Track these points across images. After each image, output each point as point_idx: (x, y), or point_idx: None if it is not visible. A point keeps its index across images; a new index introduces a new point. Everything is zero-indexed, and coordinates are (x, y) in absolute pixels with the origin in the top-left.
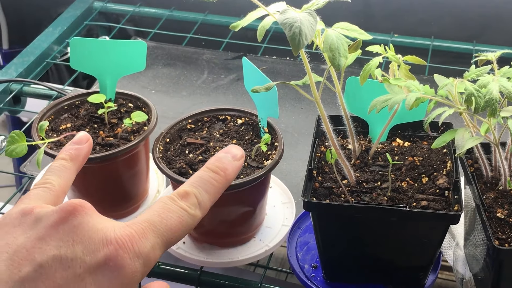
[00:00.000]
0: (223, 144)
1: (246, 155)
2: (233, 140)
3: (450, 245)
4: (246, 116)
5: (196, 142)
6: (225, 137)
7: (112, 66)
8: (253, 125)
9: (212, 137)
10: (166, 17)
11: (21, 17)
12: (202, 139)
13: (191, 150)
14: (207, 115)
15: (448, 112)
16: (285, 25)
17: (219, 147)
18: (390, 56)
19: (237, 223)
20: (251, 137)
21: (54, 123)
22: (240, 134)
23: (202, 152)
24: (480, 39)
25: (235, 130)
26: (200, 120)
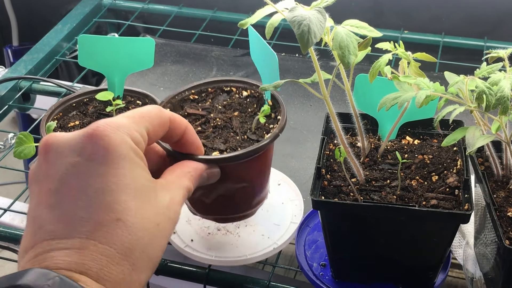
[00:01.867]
0: (224, 116)
1: (246, 128)
2: (235, 112)
3: (460, 244)
4: (252, 88)
5: (196, 112)
6: (228, 109)
7: (120, 63)
8: (258, 98)
9: (214, 109)
10: (175, 14)
11: (31, 14)
12: (203, 110)
13: (191, 121)
14: (212, 86)
15: (459, 110)
16: (294, 23)
17: (219, 118)
18: (400, 53)
19: (236, 198)
20: (254, 110)
21: (63, 120)
22: (243, 107)
23: (201, 123)
24: (492, 36)
25: (239, 102)
26: (204, 91)
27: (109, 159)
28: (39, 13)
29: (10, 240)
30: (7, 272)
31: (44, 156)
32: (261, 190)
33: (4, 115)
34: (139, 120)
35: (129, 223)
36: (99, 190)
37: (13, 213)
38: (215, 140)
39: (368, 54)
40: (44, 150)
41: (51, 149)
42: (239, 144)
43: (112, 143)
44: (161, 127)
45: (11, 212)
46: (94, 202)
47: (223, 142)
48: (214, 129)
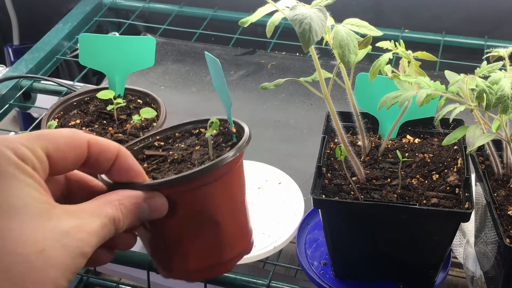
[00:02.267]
0: (185, 152)
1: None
2: (197, 147)
3: (461, 243)
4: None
5: (155, 154)
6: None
7: (121, 62)
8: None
9: (176, 148)
10: (175, 13)
11: (32, 13)
12: (164, 151)
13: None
14: (179, 130)
15: (459, 109)
16: (295, 22)
17: (178, 155)
18: (400, 52)
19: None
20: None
21: (64, 119)
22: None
23: (159, 162)
24: (492, 35)
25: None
26: (171, 137)
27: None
28: (40, 12)
29: None
30: None
31: None
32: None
33: (5, 114)
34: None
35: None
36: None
37: None
38: (168, 173)
39: (369, 53)
40: None
41: None
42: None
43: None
44: (72, 149)
45: None
46: None
47: (176, 173)
48: (170, 164)
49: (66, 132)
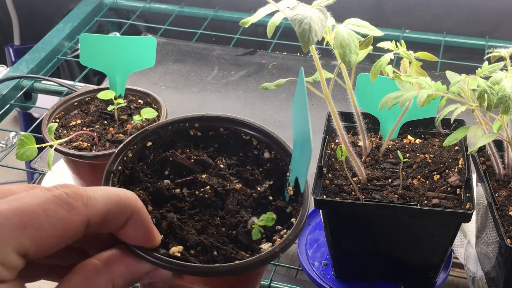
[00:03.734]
0: (220, 183)
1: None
2: (238, 184)
3: (462, 243)
4: (278, 152)
5: (184, 164)
6: (231, 173)
7: (122, 62)
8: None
9: (213, 165)
10: (176, 13)
11: (32, 13)
12: (196, 162)
13: (172, 174)
14: (225, 126)
15: (460, 109)
16: (295, 22)
17: (211, 186)
18: (402, 52)
19: None
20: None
21: (64, 119)
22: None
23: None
24: (493, 35)
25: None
26: (212, 129)
27: None
28: (40, 12)
29: None
30: None
31: None
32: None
33: (6, 114)
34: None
35: None
36: None
37: None
38: (188, 222)
39: (370, 53)
40: None
41: None
42: (219, 242)
43: None
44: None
45: None
46: None
47: (198, 230)
48: (196, 201)
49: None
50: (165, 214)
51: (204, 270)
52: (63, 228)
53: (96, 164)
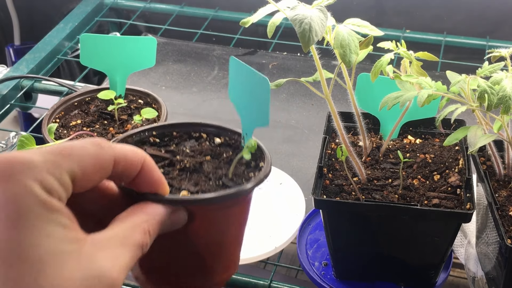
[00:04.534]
0: (193, 160)
1: (221, 174)
2: (207, 157)
3: (462, 243)
4: (227, 135)
5: (158, 154)
6: (197, 153)
7: (122, 63)
8: (234, 146)
9: (181, 152)
10: (176, 13)
11: (33, 13)
12: (167, 153)
13: None
14: (177, 130)
15: (461, 109)
16: (295, 22)
17: (187, 161)
18: (402, 52)
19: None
20: (230, 156)
21: (65, 119)
22: (216, 152)
23: (164, 165)
24: (494, 35)
25: (211, 149)
26: (168, 135)
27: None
28: (41, 12)
29: None
30: None
31: None
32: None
33: (6, 114)
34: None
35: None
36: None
37: None
38: (182, 182)
39: (370, 53)
40: None
41: None
42: (213, 189)
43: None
44: (98, 170)
45: None
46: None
47: (193, 184)
48: (181, 171)
49: (93, 150)
50: None
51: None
52: (98, 161)
53: None
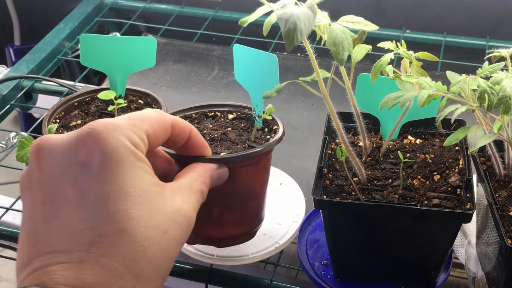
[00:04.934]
0: (218, 132)
1: (244, 139)
2: (228, 128)
3: (462, 243)
4: (238, 110)
5: None
6: (218, 127)
7: (122, 63)
8: (246, 118)
9: (205, 127)
10: (176, 13)
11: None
12: None
13: None
14: (196, 112)
15: (461, 110)
16: (281, 20)
17: (215, 133)
18: (402, 52)
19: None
20: (247, 125)
21: (65, 119)
22: (233, 125)
23: None
24: (494, 35)
25: (228, 123)
26: (188, 117)
27: (107, 165)
28: (41, 12)
29: (11, 239)
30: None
31: (36, 162)
32: (263, 207)
33: (6, 114)
34: (139, 123)
35: (132, 233)
36: (98, 199)
37: (15, 212)
38: (216, 148)
39: (370, 53)
40: (35, 155)
41: (43, 154)
42: (242, 150)
43: (109, 147)
44: (163, 132)
45: (13, 211)
46: (94, 213)
47: (225, 149)
48: (211, 141)
49: (157, 116)
50: None
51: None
52: (163, 124)
53: None
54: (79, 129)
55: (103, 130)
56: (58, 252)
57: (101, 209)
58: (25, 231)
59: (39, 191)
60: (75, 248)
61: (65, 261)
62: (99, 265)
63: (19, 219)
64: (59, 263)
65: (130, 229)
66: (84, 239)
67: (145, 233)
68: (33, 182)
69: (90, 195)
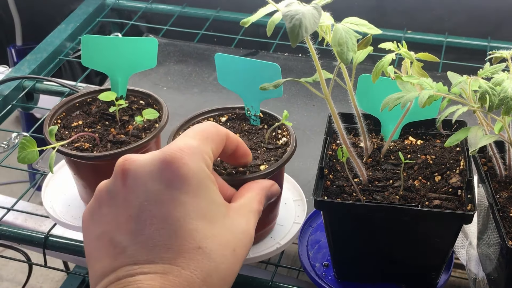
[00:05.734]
0: None
1: (258, 141)
2: (236, 134)
3: (463, 244)
4: (227, 112)
5: None
6: None
7: (123, 63)
8: (239, 118)
9: None
10: (178, 14)
11: (34, 13)
12: None
13: None
14: (192, 123)
15: (462, 110)
16: (287, 17)
17: None
18: (403, 53)
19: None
20: (245, 126)
21: (66, 120)
22: (236, 128)
23: None
24: (495, 36)
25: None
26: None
27: (188, 187)
28: (42, 13)
29: (13, 239)
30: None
31: (122, 180)
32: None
33: (8, 114)
34: (206, 142)
35: (207, 250)
36: (180, 219)
37: (16, 213)
38: None
39: (371, 54)
40: (122, 174)
41: (129, 174)
42: (268, 155)
43: (190, 171)
44: (221, 145)
45: (14, 212)
46: (176, 231)
47: (254, 159)
48: None
49: (216, 130)
50: None
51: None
52: (220, 137)
53: (98, 165)
54: (162, 152)
55: (184, 156)
56: (142, 264)
57: (182, 228)
58: (105, 241)
59: (125, 207)
60: (159, 261)
61: (150, 271)
62: (181, 276)
63: (20, 219)
64: (144, 273)
65: (206, 247)
66: (167, 253)
67: (218, 250)
68: (118, 197)
69: (173, 215)
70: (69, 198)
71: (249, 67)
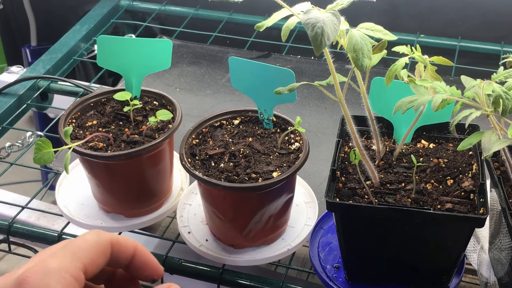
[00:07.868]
0: (241, 145)
1: (269, 146)
2: (249, 138)
3: (475, 248)
4: (240, 115)
5: (217, 152)
6: (238, 138)
7: (137, 64)
8: (252, 121)
9: (226, 143)
10: (191, 16)
11: (49, 15)
12: (219, 148)
13: (219, 160)
14: (204, 126)
15: (475, 114)
16: (308, 25)
17: (241, 148)
18: (416, 56)
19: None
20: (259, 129)
21: (81, 120)
22: (248, 132)
23: (229, 158)
24: (508, 40)
25: (237, 131)
26: (200, 133)
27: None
28: (57, 14)
29: (26, 237)
30: None
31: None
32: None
33: (22, 114)
34: (72, 258)
35: None
36: None
37: (30, 211)
38: (258, 166)
39: (384, 58)
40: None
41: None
42: (281, 160)
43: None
44: (101, 257)
45: (28, 210)
46: None
47: (266, 165)
48: (245, 158)
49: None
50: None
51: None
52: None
53: (111, 164)
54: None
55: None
56: None
57: None
58: None
59: None
60: None
61: None
62: None
63: (33, 217)
64: None
65: None
66: None
67: None
68: None
69: None
70: (83, 197)
71: (263, 72)
